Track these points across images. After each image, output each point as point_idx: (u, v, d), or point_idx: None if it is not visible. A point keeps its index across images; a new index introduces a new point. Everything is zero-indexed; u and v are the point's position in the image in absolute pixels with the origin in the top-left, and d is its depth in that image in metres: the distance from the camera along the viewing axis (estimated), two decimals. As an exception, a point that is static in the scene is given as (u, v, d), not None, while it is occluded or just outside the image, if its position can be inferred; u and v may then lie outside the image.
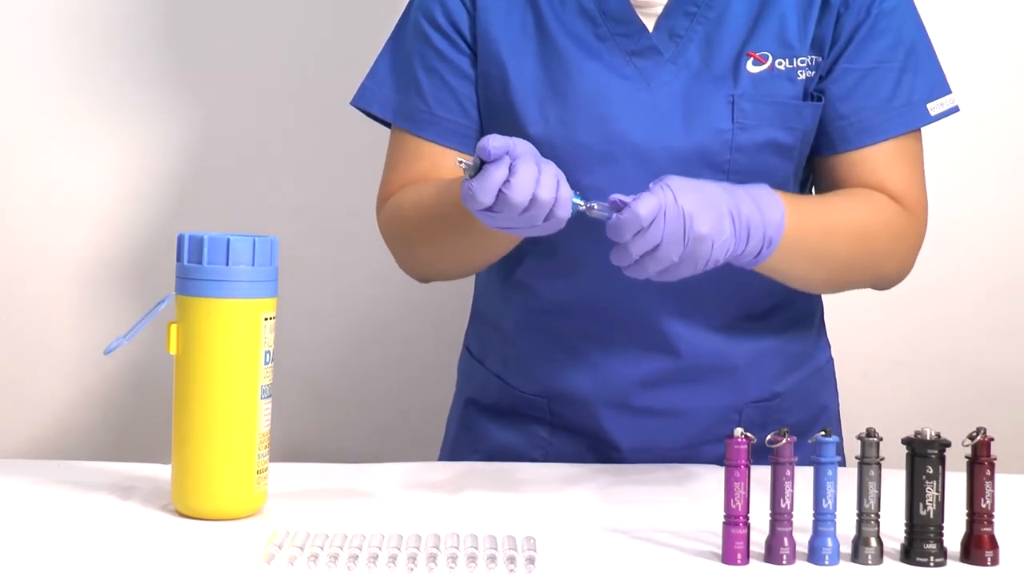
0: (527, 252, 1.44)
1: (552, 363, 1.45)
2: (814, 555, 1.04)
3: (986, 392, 1.96)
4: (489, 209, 1.16)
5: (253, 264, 1.14)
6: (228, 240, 1.13)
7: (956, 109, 1.43)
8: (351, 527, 1.11)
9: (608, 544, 1.09)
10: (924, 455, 1.04)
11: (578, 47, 1.39)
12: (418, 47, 1.44)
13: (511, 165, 1.15)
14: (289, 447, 1.54)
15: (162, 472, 1.25)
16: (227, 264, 1.13)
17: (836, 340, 1.58)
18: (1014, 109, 1.96)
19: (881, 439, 1.05)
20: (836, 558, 1.04)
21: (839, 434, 1.40)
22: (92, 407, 1.93)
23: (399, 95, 1.45)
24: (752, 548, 1.05)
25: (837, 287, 1.43)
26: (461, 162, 1.15)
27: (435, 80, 1.43)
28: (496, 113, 1.42)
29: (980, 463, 1.05)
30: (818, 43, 1.39)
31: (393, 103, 1.46)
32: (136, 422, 1.92)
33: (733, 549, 1.04)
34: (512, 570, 1.01)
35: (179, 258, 1.14)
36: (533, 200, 1.15)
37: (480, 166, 1.14)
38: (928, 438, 1.05)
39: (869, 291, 1.94)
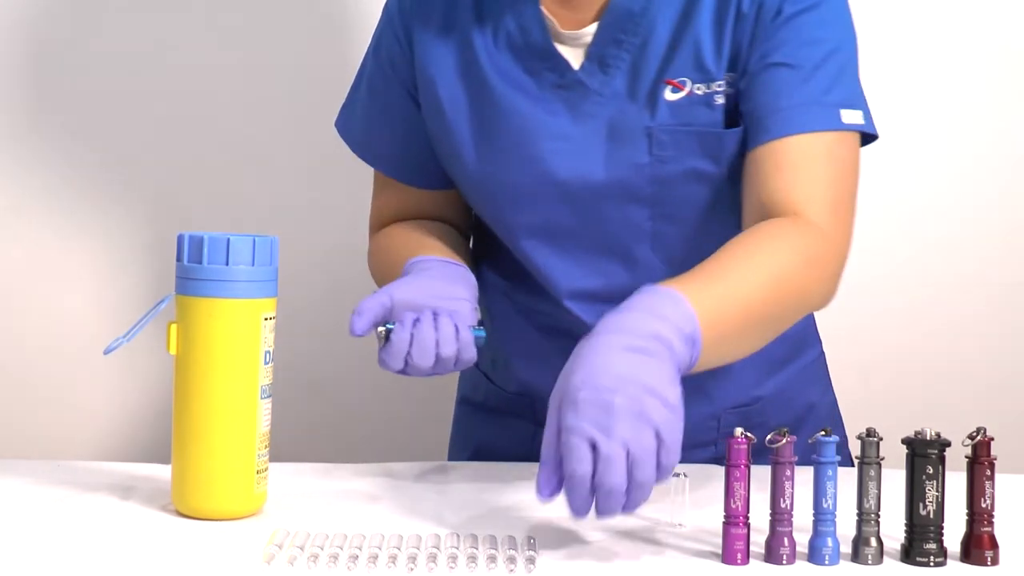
0: (496, 273, 1.47)
1: (530, 364, 1.47)
2: (814, 555, 1.04)
3: (986, 392, 1.96)
4: (402, 371, 1.24)
5: (253, 264, 1.14)
6: (228, 240, 1.13)
7: (862, 127, 1.32)
8: (351, 527, 1.11)
9: (608, 544, 1.09)
10: (924, 455, 1.04)
11: (507, 83, 1.37)
12: (371, 83, 1.48)
13: (412, 332, 1.23)
14: (289, 447, 1.54)
15: (162, 472, 1.25)
16: (227, 264, 1.13)
17: (836, 340, 1.58)
18: (1012, 111, 1.96)
19: (881, 439, 1.05)
20: (836, 558, 1.04)
21: (838, 431, 1.40)
22: (92, 407, 1.93)
23: (363, 126, 1.50)
24: (752, 548, 1.05)
25: (772, 338, 1.30)
26: (380, 331, 1.24)
27: (385, 117, 1.47)
28: (442, 147, 1.43)
29: (980, 463, 1.05)
30: (734, 58, 1.33)
31: (359, 135, 1.51)
32: (136, 422, 1.92)
33: (733, 549, 1.04)
34: (512, 570, 1.01)
35: (179, 258, 1.14)
36: (438, 358, 1.23)
37: (388, 335, 1.24)
38: (928, 438, 1.05)
39: (868, 291, 1.95)
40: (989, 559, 1.05)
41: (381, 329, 1.24)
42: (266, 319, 1.15)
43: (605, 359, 1.05)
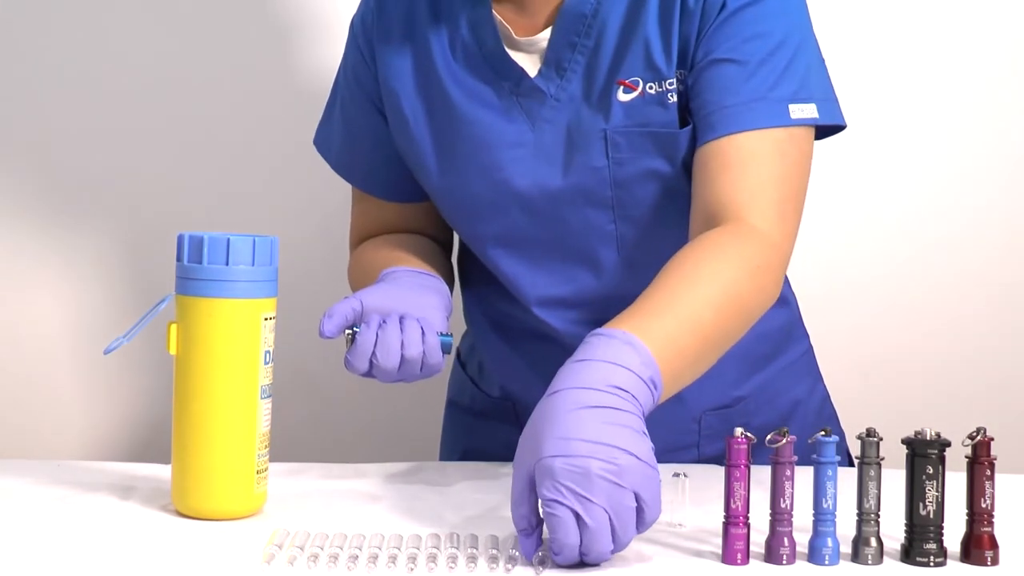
0: (473, 280, 1.48)
1: (506, 369, 1.48)
2: (814, 555, 1.04)
3: (986, 392, 1.96)
4: (367, 374, 1.24)
5: (253, 264, 1.14)
6: (228, 240, 1.13)
7: (816, 120, 1.29)
8: (351, 527, 1.11)
9: (608, 544, 1.09)
10: (924, 455, 1.04)
11: (465, 93, 1.37)
12: (343, 101, 1.49)
13: (377, 333, 1.23)
14: (289, 447, 1.54)
15: (162, 472, 1.25)
16: (227, 264, 1.13)
17: (836, 340, 1.58)
18: (1012, 111, 1.96)
19: (881, 439, 1.05)
20: (836, 558, 1.04)
21: (833, 427, 1.39)
22: (92, 407, 1.93)
23: (338, 142, 1.51)
24: (752, 548, 1.05)
25: (725, 351, 1.25)
26: (347, 334, 1.24)
27: (357, 133, 1.47)
28: (409, 160, 1.44)
29: (980, 463, 1.05)
30: (683, 55, 1.31)
31: (335, 152, 1.51)
32: (136, 422, 1.92)
33: (733, 549, 1.04)
34: (511, 570, 1.01)
35: (179, 258, 1.14)
36: (403, 360, 1.22)
37: (354, 337, 1.24)
38: (928, 438, 1.05)
39: (868, 291, 1.95)
40: (989, 559, 1.05)
41: (348, 332, 1.24)
42: (266, 319, 1.15)
43: (574, 421, 1.02)
